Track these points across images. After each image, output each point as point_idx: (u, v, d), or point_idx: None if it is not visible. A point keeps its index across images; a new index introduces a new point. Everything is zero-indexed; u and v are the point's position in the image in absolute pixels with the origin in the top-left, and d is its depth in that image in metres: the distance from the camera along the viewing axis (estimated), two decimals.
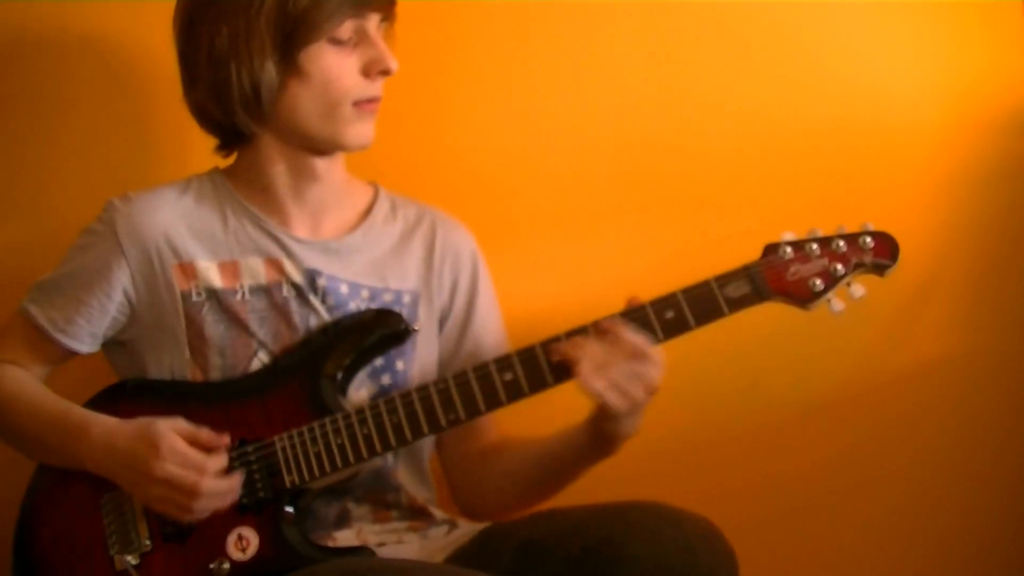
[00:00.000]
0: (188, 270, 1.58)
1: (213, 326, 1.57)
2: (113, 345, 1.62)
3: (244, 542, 1.47)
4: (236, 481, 1.47)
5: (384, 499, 1.61)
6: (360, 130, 1.57)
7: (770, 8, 1.94)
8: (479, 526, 1.60)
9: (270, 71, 1.52)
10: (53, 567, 1.51)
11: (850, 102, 1.94)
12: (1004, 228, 1.94)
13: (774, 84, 1.95)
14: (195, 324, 1.57)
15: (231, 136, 1.61)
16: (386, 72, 1.56)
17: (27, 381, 1.60)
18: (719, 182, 1.95)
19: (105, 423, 1.51)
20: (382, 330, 1.58)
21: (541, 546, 1.42)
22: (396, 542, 1.58)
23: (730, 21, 1.94)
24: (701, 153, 1.95)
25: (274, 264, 1.60)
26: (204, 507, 1.45)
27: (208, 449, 1.46)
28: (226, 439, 1.48)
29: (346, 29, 1.54)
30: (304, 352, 1.57)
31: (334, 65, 1.54)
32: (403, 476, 1.63)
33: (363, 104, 1.56)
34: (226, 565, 1.46)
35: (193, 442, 1.46)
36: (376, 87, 1.57)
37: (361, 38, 1.55)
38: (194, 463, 1.44)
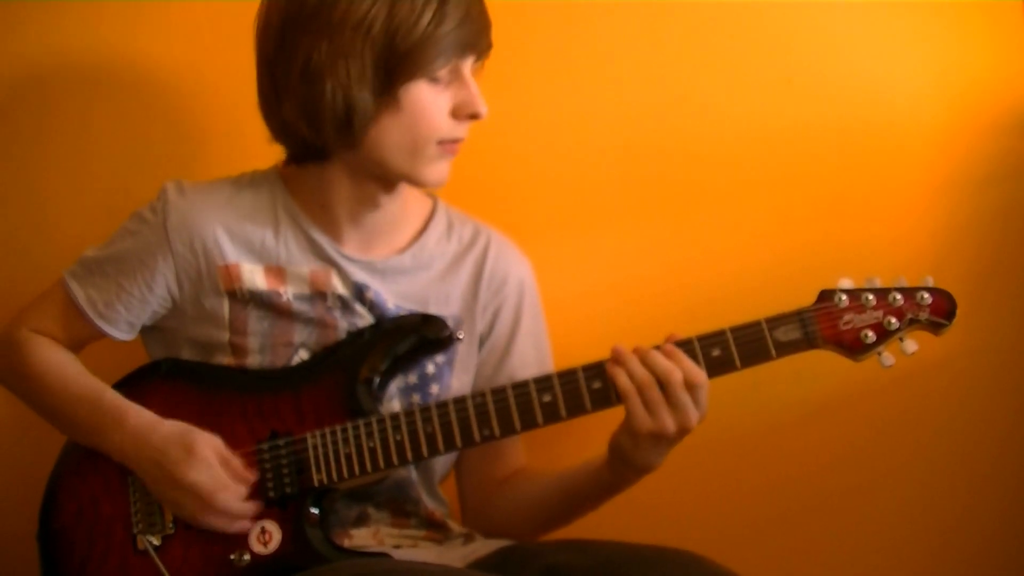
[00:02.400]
0: (233, 272, 1.57)
1: (257, 322, 1.57)
2: (150, 330, 1.62)
3: (266, 536, 1.47)
4: (249, 509, 1.47)
5: (404, 508, 1.61)
6: (439, 169, 1.54)
7: (771, 10, 1.92)
8: (498, 542, 1.60)
9: (366, 99, 1.48)
10: (73, 539, 1.51)
11: (851, 103, 1.92)
12: (1004, 228, 1.92)
13: (775, 85, 1.93)
14: (238, 320, 1.56)
15: (308, 153, 1.57)
16: (475, 116, 1.53)
17: (61, 357, 1.59)
18: (720, 183, 1.93)
19: (142, 416, 1.51)
20: (423, 334, 1.56)
21: (568, 575, 1.40)
22: (412, 546, 1.58)
23: (731, 23, 1.93)
24: (702, 154, 1.93)
25: (321, 275, 1.59)
26: (210, 523, 1.46)
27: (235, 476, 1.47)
28: (253, 476, 1.48)
29: (444, 68, 1.50)
30: (343, 350, 1.56)
31: (427, 103, 1.50)
32: (421, 492, 1.63)
33: (447, 144, 1.53)
34: (246, 557, 1.46)
35: (224, 464, 1.47)
36: (463, 129, 1.54)
37: (455, 77, 1.51)
38: (220, 479, 1.45)
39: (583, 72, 1.94)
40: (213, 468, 1.46)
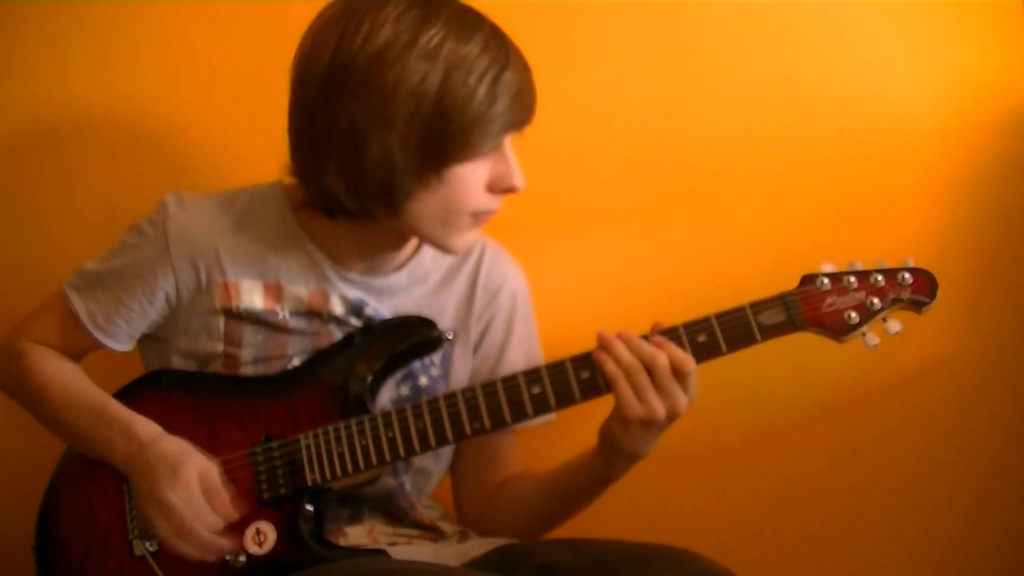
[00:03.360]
0: (232, 288, 1.57)
1: (252, 336, 1.57)
2: (145, 338, 1.63)
3: (261, 536, 1.47)
4: (219, 544, 1.45)
5: (396, 513, 1.62)
6: (468, 237, 1.53)
7: (771, 10, 1.93)
8: (493, 541, 1.60)
9: (407, 175, 1.43)
10: (71, 547, 1.52)
11: (851, 103, 1.93)
12: (1005, 229, 1.92)
13: (775, 85, 1.94)
14: (234, 332, 1.57)
15: (341, 211, 1.52)
16: (511, 190, 1.49)
17: (64, 367, 1.60)
18: (719, 184, 1.94)
19: (146, 428, 1.51)
20: (415, 336, 1.57)
21: (562, 573, 1.39)
22: (407, 543, 1.59)
23: (731, 23, 1.93)
24: (701, 155, 1.94)
25: (319, 295, 1.59)
26: (180, 549, 1.45)
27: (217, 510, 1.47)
28: (236, 515, 1.47)
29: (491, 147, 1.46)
30: (335, 353, 1.56)
31: (467, 178, 1.45)
32: (413, 500, 1.64)
33: (481, 215, 1.51)
34: (242, 558, 1.46)
35: (208, 492, 1.46)
36: (497, 202, 1.50)
37: (494, 149, 1.46)
38: (196, 507, 1.45)
39: (582, 72, 1.95)
40: (192, 494, 1.45)
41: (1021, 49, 1.92)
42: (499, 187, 1.49)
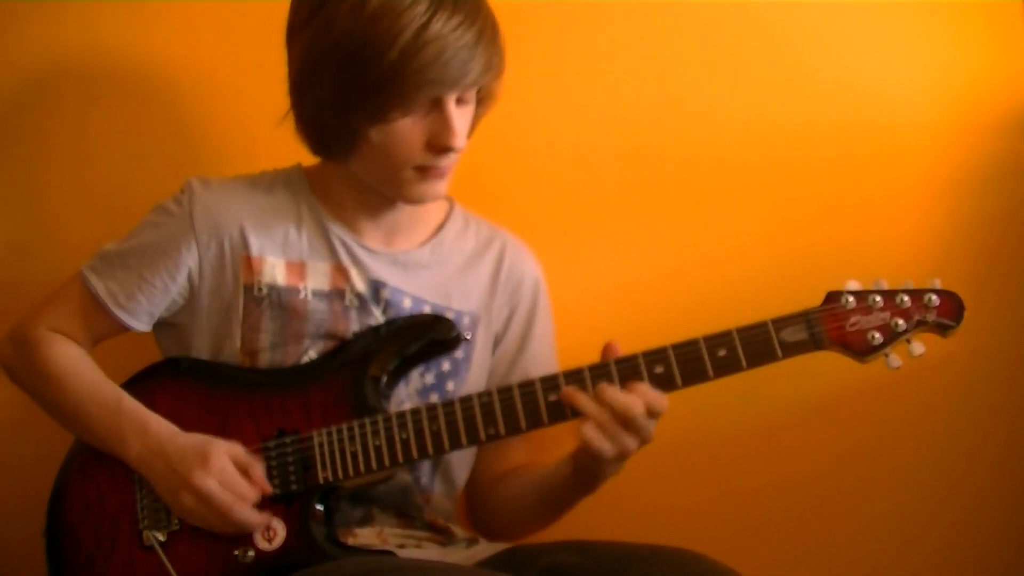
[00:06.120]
0: (255, 264, 1.57)
1: (270, 320, 1.56)
2: (164, 325, 1.62)
3: (271, 532, 1.47)
4: (264, 519, 1.46)
5: (408, 512, 1.61)
6: (422, 189, 1.53)
7: (771, 10, 1.93)
8: (502, 545, 1.60)
9: (338, 129, 1.49)
10: (80, 536, 1.51)
11: (850, 104, 1.93)
12: (1004, 228, 1.93)
13: (775, 85, 1.93)
14: (252, 316, 1.56)
15: (323, 150, 1.58)
16: (447, 150, 1.49)
17: (80, 359, 1.59)
18: (721, 184, 1.94)
19: (163, 425, 1.51)
20: (432, 335, 1.56)
21: (568, 575, 1.40)
22: (416, 546, 1.58)
23: (732, 24, 1.93)
24: (703, 155, 1.94)
25: (341, 271, 1.59)
26: (228, 532, 1.46)
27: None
28: (268, 488, 1.47)
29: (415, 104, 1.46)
30: (352, 350, 1.56)
31: (401, 133, 1.47)
32: (436, 496, 1.63)
33: (426, 170, 1.51)
34: (251, 553, 1.46)
35: (243, 471, 1.47)
36: (439, 159, 1.50)
37: (435, 108, 1.47)
38: (236, 487, 1.45)
39: (585, 73, 1.94)
40: (230, 475, 1.45)
41: (1021, 49, 1.92)
42: (436, 146, 1.49)
